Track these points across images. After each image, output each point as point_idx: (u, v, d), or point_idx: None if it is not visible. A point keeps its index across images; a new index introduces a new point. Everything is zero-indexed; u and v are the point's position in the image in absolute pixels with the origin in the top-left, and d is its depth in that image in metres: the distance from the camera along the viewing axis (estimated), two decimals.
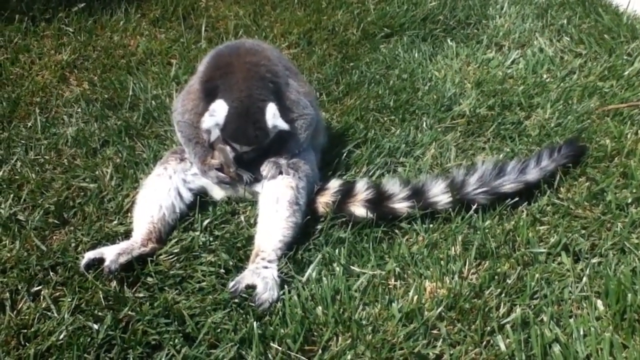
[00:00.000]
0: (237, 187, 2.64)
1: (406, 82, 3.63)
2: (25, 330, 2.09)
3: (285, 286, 2.28)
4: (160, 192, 2.54)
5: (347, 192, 2.57)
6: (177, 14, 4.35)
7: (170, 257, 2.40)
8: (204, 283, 2.29)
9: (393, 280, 2.32)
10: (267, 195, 2.53)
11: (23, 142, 3.03)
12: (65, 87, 3.57)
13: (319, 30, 4.21)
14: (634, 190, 2.67)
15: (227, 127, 2.47)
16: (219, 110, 2.45)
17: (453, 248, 2.44)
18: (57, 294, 2.23)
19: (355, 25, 4.27)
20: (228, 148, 2.56)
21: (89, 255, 2.31)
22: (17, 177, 2.77)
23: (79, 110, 3.32)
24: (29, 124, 3.18)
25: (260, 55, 2.61)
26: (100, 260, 2.29)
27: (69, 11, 4.21)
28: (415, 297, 2.20)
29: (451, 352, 2.03)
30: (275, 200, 2.49)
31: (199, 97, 2.62)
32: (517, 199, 2.61)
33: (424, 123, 3.26)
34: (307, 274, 2.33)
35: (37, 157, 2.92)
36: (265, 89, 2.51)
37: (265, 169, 2.58)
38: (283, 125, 2.50)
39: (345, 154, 2.98)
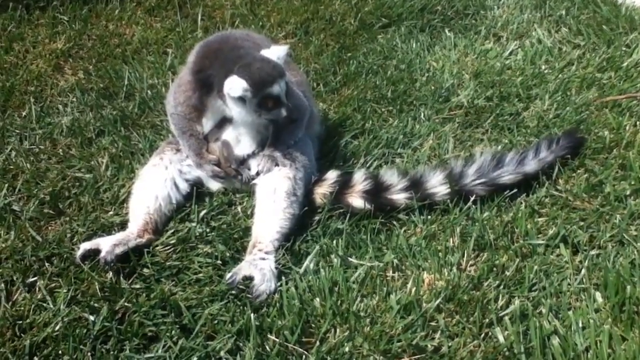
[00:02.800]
0: (232, 180, 2.62)
1: (404, 73, 3.61)
2: (21, 322, 2.07)
3: (283, 278, 2.27)
4: (157, 183, 2.53)
5: (344, 183, 2.56)
6: (173, 2, 4.32)
7: (167, 248, 2.39)
8: (201, 274, 2.28)
9: (391, 271, 2.31)
10: (264, 186, 2.52)
11: (17, 131, 3.00)
12: (60, 76, 3.54)
13: (316, 20, 4.18)
14: (633, 182, 2.66)
15: (255, 81, 2.35)
16: (234, 83, 2.34)
17: (451, 239, 2.43)
18: (53, 285, 2.22)
19: (352, 15, 4.24)
20: (226, 143, 2.53)
21: (85, 246, 2.30)
22: (11, 167, 2.75)
23: (74, 99, 3.29)
24: (24, 114, 3.16)
25: (249, 43, 2.59)
26: (96, 251, 2.27)
27: None
28: (414, 289, 2.19)
29: (449, 344, 2.02)
30: (273, 191, 2.48)
31: (191, 88, 2.58)
32: (515, 190, 2.59)
33: (422, 114, 3.24)
34: (304, 266, 2.32)
35: (32, 146, 2.90)
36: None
37: (261, 163, 2.55)
38: (284, 50, 2.48)
39: (342, 145, 2.96)
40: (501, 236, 2.43)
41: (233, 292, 2.19)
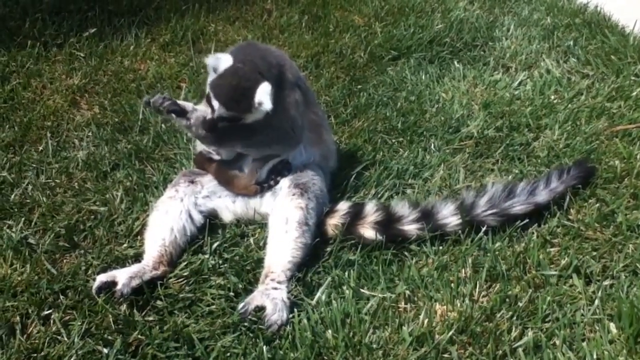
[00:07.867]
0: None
1: (414, 104, 3.65)
2: (35, 355, 2.08)
3: (295, 309, 2.27)
4: (172, 215, 2.56)
5: (356, 214, 2.57)
6: (187, 38, 4.40)
7: (180, 280, 2.40)
8: (214, 306, 2.29)
9: (403, 303, 2.31)
10: (276, 216, 2.54)
11: (34, 166, 3.05)
12: (76, 111, 3.61)
13: (327, 53, 4.25)
14: None
15: (217, 79, 2.44)
16: (223, 60, 2.44)
17: (463, 270, 2.43)
18: (67, 317, 2.23)
19: (362, 48, 4.31)
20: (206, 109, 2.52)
21: (101, 278, 2.31)
22: (28, 200, 2.79)
23: (90, 134, 3.35)
24: (40, 148, 3.21)
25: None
26: (112, 284, 2.29)
27: (80, 36, 4.26)
28: (426, 321, 2.18)
29: None
30: (285, 221, 2.50)
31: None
32: (527, 220, 2.60)
33: (432, 145, 3.26)
34: (316, 297, 2.33)
35: (48, 180, 2.94)
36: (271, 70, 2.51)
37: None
38: (268, 105, 2.39)
39: (353, 176, 2.98)
40: (513, 267, 2.43)
41: (245, 323, 2.20)
